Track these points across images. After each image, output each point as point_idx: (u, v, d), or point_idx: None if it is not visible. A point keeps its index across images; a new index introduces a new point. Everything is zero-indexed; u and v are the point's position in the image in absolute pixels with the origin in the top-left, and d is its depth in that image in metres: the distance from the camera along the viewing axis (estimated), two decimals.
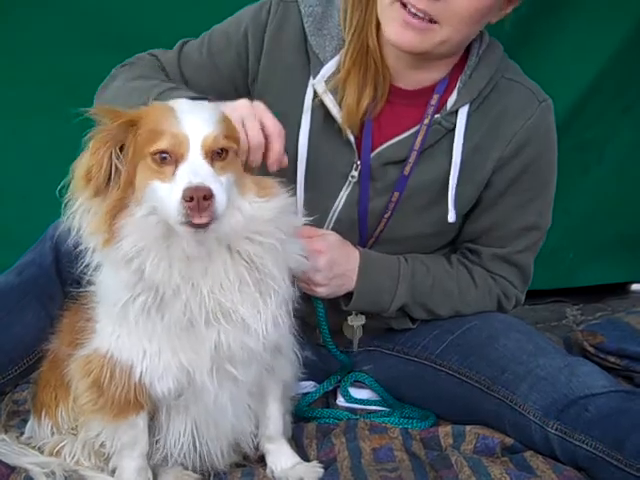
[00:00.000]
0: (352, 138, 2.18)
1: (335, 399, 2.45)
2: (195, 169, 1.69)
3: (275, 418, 2.07)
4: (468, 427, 2.16)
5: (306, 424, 2.27)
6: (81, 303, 1.99)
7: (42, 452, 2.05)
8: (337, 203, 2.24)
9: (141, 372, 1.86)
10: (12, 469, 2.01)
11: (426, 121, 2.16)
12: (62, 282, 2.27)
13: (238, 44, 2.24)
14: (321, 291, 2.16)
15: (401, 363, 2.36)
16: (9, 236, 3.10)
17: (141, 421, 1.95)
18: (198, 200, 1.64)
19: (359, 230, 2.25)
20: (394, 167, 2.21)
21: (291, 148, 2.15)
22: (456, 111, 2.17)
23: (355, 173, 2.20)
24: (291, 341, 2.01)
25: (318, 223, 2.19)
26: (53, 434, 2.07)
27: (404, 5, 2.01)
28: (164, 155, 1.72)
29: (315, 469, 2.04)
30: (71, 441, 2.03)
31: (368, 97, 2.15)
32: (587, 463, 1.97)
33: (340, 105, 2.16)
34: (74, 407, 2.02)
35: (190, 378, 1.87)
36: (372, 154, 2.20)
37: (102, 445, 1.99)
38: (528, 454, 2.05)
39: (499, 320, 2.31)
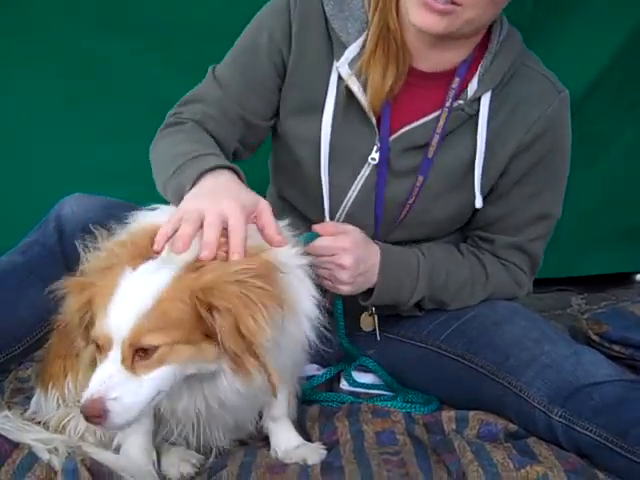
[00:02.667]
0: (374, 120, 2.18)
1: (339, 383, 2.44)
2: (100, 378, 1.65)
3: (280, 399, 2.05)
4: (472, 412, 2.16)
5: (309, 407, 2.27)
6: None
7: (47, 428, 2.05)
8: (355, 185, 2.24)
9: None
10: (15, 445, 1.98)
11: (447, 104, 2.17)
12: (66, 262, 2.24)
13: (269, 51, 2.22)
14: (345, 289, 2.14)
15: (405, 348, 2.36)
16: (11, 219, 3.10)
17: None
18: (88, 418, 1.64)
19: (375, 214, 2.25)
20: (414, 152, 2.21)
21: (315, 131, 2.18)
22: (479, 98, 2.17)
23: (375, 155, 2.20)
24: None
25: (335, 204, 2.23)
26: (59, 407, 2.07)
27: None
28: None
29: (318, 450, 2.05)
30: (77, 414, 2.01)
31: (392, 76, 2.14)
32: (591, 450, 1.97)
33: (364, 87, 2.16)
34: (82, 378, 2.02)
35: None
36: (392, 137, 2.20)
37: None
38: (531, 440, 2.04)
39: (504, 307, 2.30)
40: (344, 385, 2.42)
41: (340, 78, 2.17)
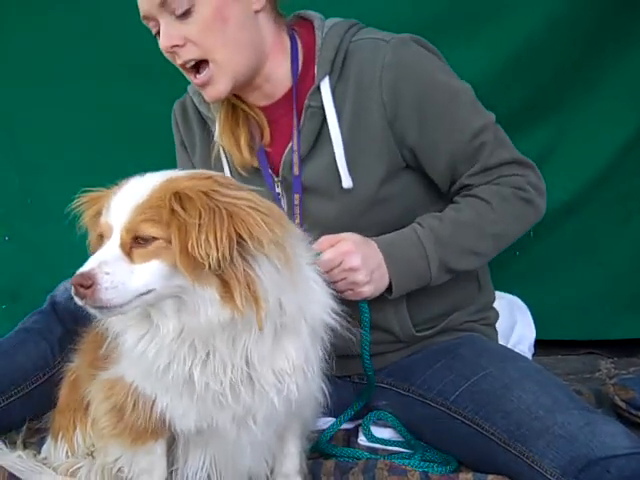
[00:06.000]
0: (255, 165, 2.33)
1: (356, 437, 2.41)
2: (97, 256, 1.71)
3: (293, 456, 2.05)
4: (490, 476, 2.11)
5: (325, 460, 2.24)
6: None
7: (57, 473, 2.06)
8: None
9: (162, 408, 1.87)
10: None
11: (294, 122, 2.25)
12: (60, 320, 2.49)
13: (186, 155, 2.49)
14: (367, 290, 2.14)
15: (417, 405, 2.31)
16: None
17: (159, 448, 1.95)
18: (75, 287, 1.67)
19: None
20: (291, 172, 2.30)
21: None
22: (319, 90, 2.23)
23: (278, 189, 2.32)
24: (318, 382, 1.98)
25: None
26: (68, 457, 2.09)
27: (187, 68, 2.20)
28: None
29: None
30: (87, 464, 2.04)
31: (243, 133, 2.32)
32: None
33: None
34: (91, 431, 2.04)
35: (210, 422, 1.86)
36: (280, 169, 2.30)
37: (120, 470, 1.99)
38: None
39: (516, 368, 2.23)
40: (362, 440, 2.39)
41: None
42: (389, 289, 2.21)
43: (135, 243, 1.71)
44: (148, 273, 1.70)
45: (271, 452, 2.02)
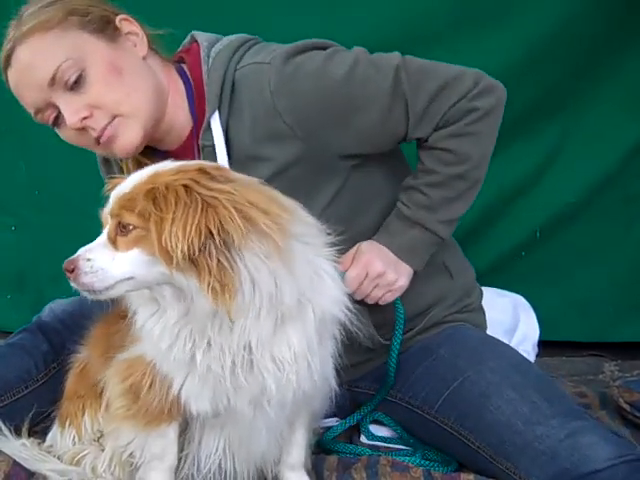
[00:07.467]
0: None
1: (358, 436, 2.41)
2: (88, 245, 1.80)
3: (300, 446, 2.05)
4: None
5: (328, 456, 2.24)
6: (117, 314, 2.02)
7: (61, 461, 2.07)
8: None
9: (180, 388, 1.87)
10: (31, 474, 2.04)
11: (195, 154, 2.17)
12: (46, 338, 2.47)
13: None
14: (402, 281, 2.20)
15: (406, 412, 2.31)
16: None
17: (172, 432, 1.95)
18: (65, 271, 1.77)
19: None
20: None
21: None
22: (210, 128, 2.12)
23: None
24: (331, 372, 1.97)
25: None
26: (74, 444, 2.09)
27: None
28: None
29: None
30: (93, 451, 2.04)
31: None
32: None
33: None
34: (104, 415, 2.05)
35: (227, 404, 1.86)
36: None
37: (131, 455, 1.99)
38: None
39: (492, 369, 2.17)
40: (363, 439, 2.39)
41: None
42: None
43: (120, 232, 1.75)
44: (127, 261, 1.74)
45: (283, 438, 2.02)
